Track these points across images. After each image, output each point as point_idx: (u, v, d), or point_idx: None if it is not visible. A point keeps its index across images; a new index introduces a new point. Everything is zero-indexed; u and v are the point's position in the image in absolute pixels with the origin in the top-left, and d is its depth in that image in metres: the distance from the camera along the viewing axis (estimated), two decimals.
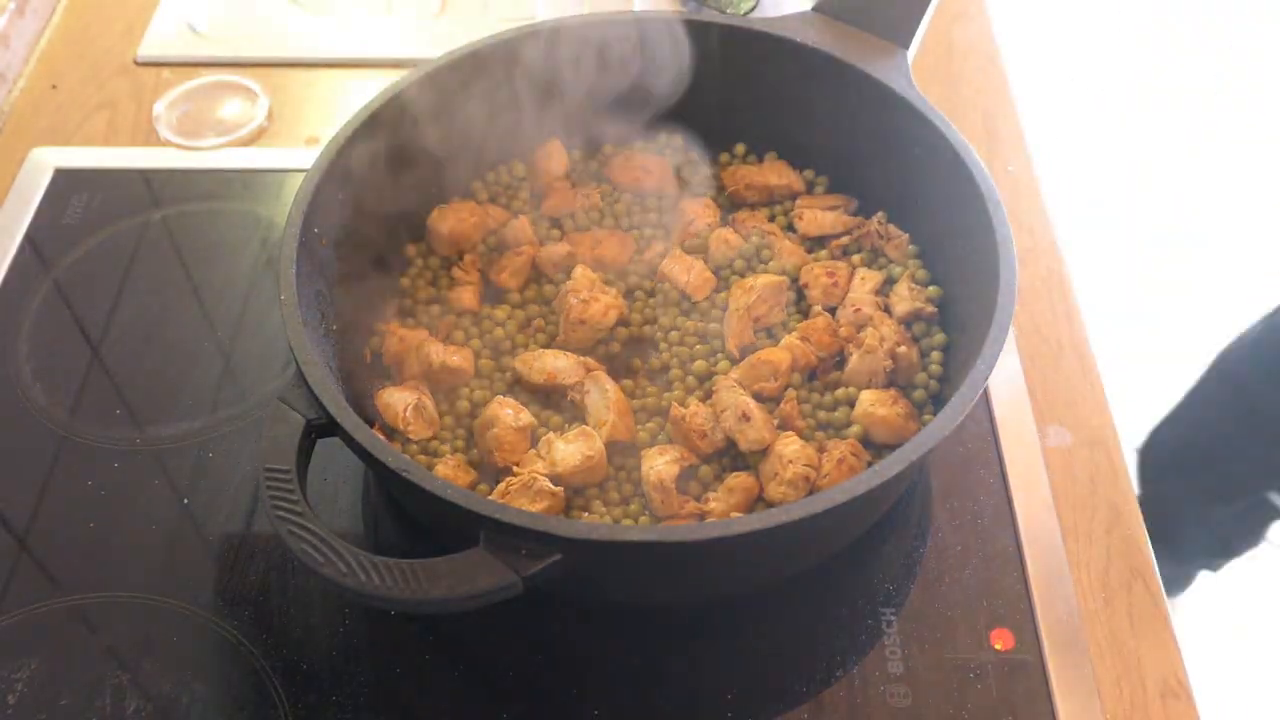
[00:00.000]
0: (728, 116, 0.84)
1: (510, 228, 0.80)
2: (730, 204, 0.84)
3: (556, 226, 0.83)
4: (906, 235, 0.78)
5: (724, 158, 0.86)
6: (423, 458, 0.69)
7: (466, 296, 0.77)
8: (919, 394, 0.71)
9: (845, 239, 0.80)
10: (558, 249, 0.79)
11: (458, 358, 0.73)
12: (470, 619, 0.65)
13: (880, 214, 0.80)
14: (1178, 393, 1.37)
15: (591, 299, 0.74)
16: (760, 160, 0.86)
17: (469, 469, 0.68)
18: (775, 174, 0.83)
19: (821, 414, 0.71)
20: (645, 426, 0.71)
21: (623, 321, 0.76)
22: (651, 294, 0.79)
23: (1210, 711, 0.65)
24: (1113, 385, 0.81)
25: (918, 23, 0.78)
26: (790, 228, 0.82)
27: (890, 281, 0.77)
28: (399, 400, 0.70)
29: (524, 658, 0.66)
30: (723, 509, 0.65)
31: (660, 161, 0.84)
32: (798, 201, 0.83)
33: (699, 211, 0.82)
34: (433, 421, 0.70)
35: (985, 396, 0.78)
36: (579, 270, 0.77)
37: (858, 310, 0.74)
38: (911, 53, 0.77)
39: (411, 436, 0.69)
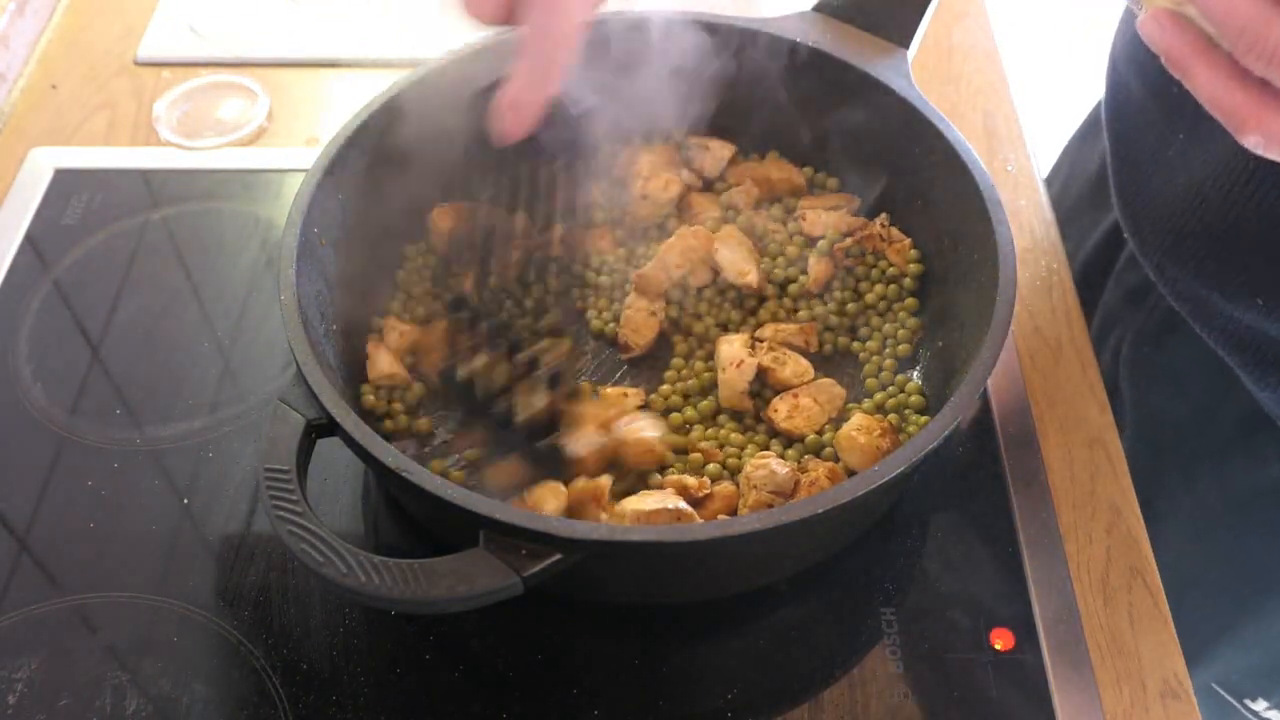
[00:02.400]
0: (727, 116, 0.84)
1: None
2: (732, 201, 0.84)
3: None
4: (909, 240, 0.78)
5: None
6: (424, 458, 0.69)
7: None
8: (915, 400, 0.72)
9: (848, 241, 0.79)
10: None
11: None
12: (470, 619, 0.66)
13: (883, 216, 0.80)
14: None
15: (653, 175, 0.80)
16: (762, 158, 0.86)
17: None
18: (777, 169, 0.84)
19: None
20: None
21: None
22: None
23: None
24: None
25: (918, 23, 0.78)
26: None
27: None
28: (386, 364, 0.72)
29: (524, 658, 0.66)
30: (707, 515, 0.65)
31: (666, 153, 0.84)
32: (801, 202, 0.83)
33: (705, 205, 0.82)
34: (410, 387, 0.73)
35: (985, 396, 0.78)
36: (642, 157, 0.82)
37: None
38: (911, 53, 0.77)
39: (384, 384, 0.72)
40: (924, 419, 0.70)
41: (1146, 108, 0.77)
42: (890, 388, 0.73)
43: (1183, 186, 0.72)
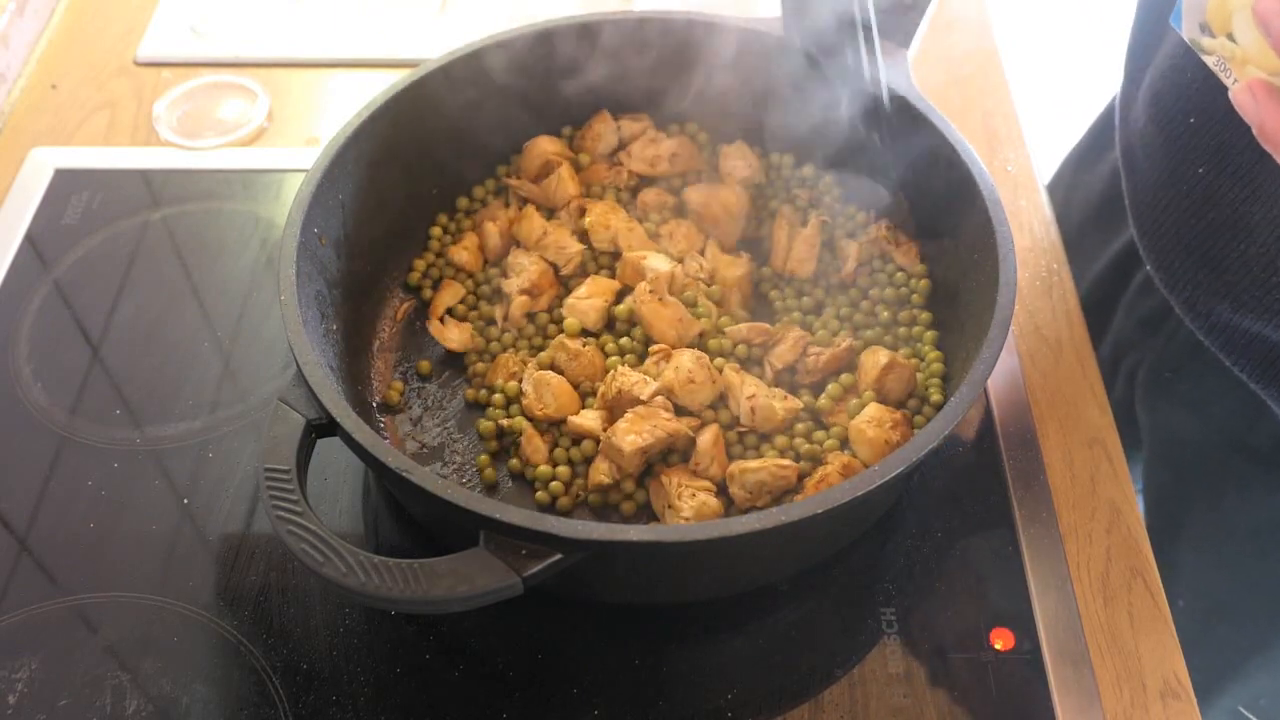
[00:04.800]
0: (727, 115, 0.84)
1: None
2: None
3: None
4: (916, 243, 0.78)
5: None
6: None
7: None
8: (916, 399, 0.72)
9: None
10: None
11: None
12: (470, 619, 0.66)
13: (885, 220, 0.79)
14: None
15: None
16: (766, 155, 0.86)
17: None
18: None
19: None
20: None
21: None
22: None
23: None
24: None
25: (917, 23, 0.78)
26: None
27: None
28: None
29: (524, 657, 0.66)
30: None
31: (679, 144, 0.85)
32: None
33: None
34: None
35: (985, 396, 0.78)
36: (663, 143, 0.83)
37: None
38: (911, 53, 0.77)
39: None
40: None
41: (1166, 140, 0.73)
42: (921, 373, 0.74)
43: (1215, 221, 0.69)
